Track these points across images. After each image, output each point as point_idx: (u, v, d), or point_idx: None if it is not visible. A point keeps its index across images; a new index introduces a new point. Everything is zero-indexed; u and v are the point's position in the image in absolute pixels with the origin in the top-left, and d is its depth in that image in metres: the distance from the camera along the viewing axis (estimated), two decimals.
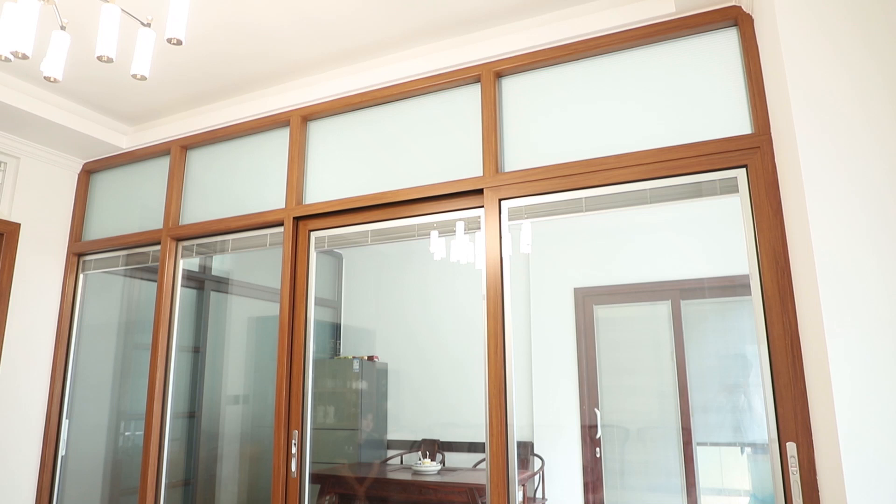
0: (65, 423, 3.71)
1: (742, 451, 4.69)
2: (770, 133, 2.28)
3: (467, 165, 2.85)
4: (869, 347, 1.77)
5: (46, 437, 3.65)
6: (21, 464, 3.55)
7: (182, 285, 3.57)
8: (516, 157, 2.76)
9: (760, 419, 4.51)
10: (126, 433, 4.27)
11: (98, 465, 4.08)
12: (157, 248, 3.61)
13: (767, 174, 2.26)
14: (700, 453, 4.72)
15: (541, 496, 4.91)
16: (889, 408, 1.73)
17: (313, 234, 3.14)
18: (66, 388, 3.75)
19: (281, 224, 3.22)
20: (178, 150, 3.64)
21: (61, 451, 3.68)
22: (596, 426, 4.99)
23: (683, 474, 4.69)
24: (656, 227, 5.13)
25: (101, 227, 3.92)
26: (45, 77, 2.01)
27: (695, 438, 4.73)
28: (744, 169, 2.33)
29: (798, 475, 2.04)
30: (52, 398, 3.70)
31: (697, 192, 2.42)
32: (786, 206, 2.18)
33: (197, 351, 4.80)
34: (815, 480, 2.01)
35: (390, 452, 5.58)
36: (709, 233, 4.84)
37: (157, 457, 3.32)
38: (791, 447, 2.06)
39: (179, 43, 1.98)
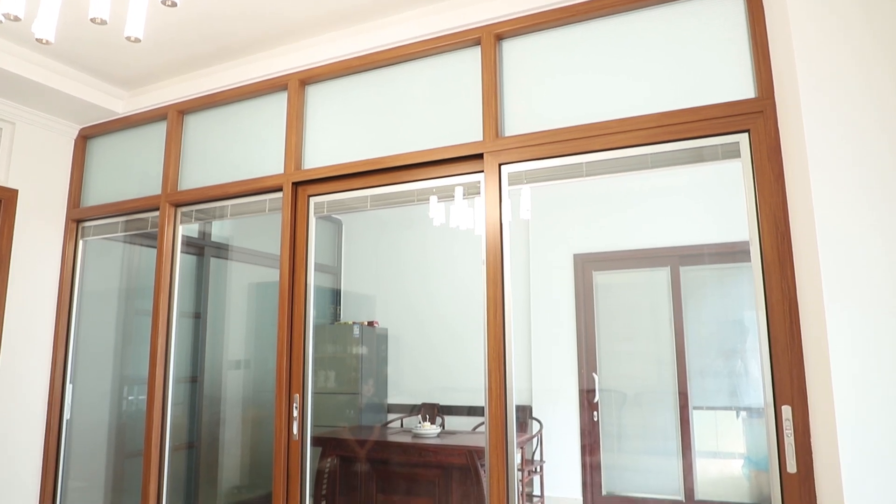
0: (68, 387, 3.75)
1: (737, 415, 4.76)
2: (774, 97, 2.25)
3: (467, 130, 2.82)
4: (867, 313, 1.78)
5: (51, 402, 3.70)
6: (27, 428, 3.60)
7: (182, 251, 3.57)
8: (516, 122, 2.73)
9: (756, 384, 4.56)
10: (129, 397, 4.33)
11: (103, 429, 4.14)
12: (156, 214, 3.60)
13: (770, 139, 2.24)
14: (696, 417, 4.79)
15: (539, 458, 5.00)
16: (885, 372, 1.75)
17: (312, 200, 3.13)
18: (68, 353, 3.78)
19: (280, 189, 3.21)
20: (175, 115, 3.60)
21: (66, 415, 3.73)
22: (594, 390, 5.05)
23: (679, 437, 4.77)
24: (656, 194, 5.11)
25: (99, 193, 3.90)
26: (36, 39, 1.97)
27: (691, 402, 4.79)
28: (746, 134, 2.31)
29: (792, 438, 2.07)
30: (55, 363, 3.74)
31: (699, 156, 2.40)
32: (788, 171, 2.17)
33: (198, 317, 4.83)
34: (809, 443, 2.04)
35: (391, 416, 5.66)
36: (709, 199, 4.82)
37: (160, 421, 3.36)
38: (786, 410, 2.09)
39: (174, 4, 1.94)
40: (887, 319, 1.76)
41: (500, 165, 2.69)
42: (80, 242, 3.90)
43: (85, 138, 3.98)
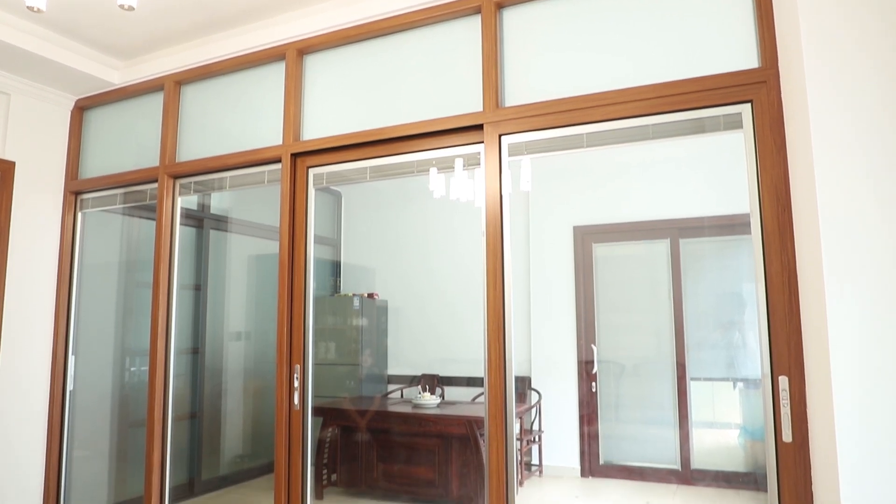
0: (71, 359, 3.78)
1: (734, 386, 4.81)
2: (777, 67, 2.23)
3: (467, 101, 2.79)
4: (866, 284, 1.78)
5: (54, 373, 3.73)
6: (32, 398, 3.63)
7: (181, 224, 3.56)
8: (517, 92, 2.70)
9: (754, 355, 4.59)
10: (132, 369, 4.36)
11: (106, 399, 4.18)
12: (155, 186, 3.59)
13: (773, 109, 2.22)
14: (693, 388, 4.83)
15: (538, 428, 5.06)
16: (882, 342, 1.76)
17: (311, 171, 3.12)
18: (70, 325, 3.79)
19: (279, 161, 3.19)
20: (172, 86, 3.56)
21: (69, 386, 3.76)
22: (592, 362, 5.09)
23: (676, 408, 4.82)
24: (657, 166, 5.09)
25: (97, 165, 3.88)
26: (27, 6, 1.94)
27: (689, 374, 4.83)
28: (749, 104, 2.29)
29: (789, 407, 2.10)
30: (56, 335, 3.76)
31: (700, 127, 2.38)
32: (790, 142, 2.15)
33: (198, 289, 4.84)
34: (805, 413, 2.07)
35: (391, 387, 5.71)
36: (710, 171, 4.80)
37: (162, 391, 3.39)
38: (783, 381, 2.11)
39: None
40: (886, 291, 1.77)
41: (500, 136, 2.67)
42: (79, 215, 3.89)
43: (81, 109, 3.94)
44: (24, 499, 3.56)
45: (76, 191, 3.86)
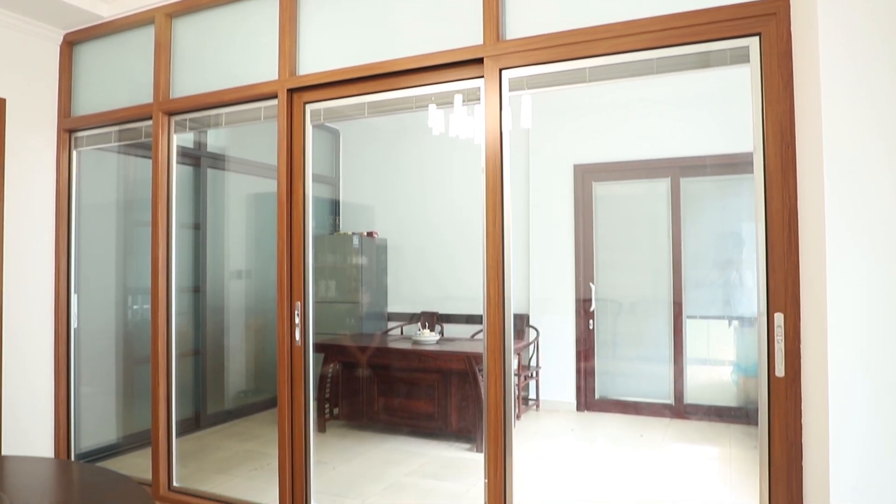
0: (73, 297, 3.81)
1: (729, 324, 4.88)
2: None
3: (467, 33, 2.71)
4: (867, 222, 1.78)
5: (58, 311, 3.76)
6: (37, 337, 3.68)
7: (178, 162, 3.52)
8: (518, 24, 2.62)
9: (750, 294, 4.64)
10: (134, 307, 4.41)
11: (110, 337, 4.24)
12: (149, 123, 3.53)
13: (781, 43, 2.16)
14: (689, 326, 4.91)
15: (535, 364, 5.16)
16: (880, 279, 1.77)
17: (308, 107, 3.06)
18: (71, 264, 3.81)
19: (275, 96, 3.12)
20: (163, 19, 3.46)
21: (73, 324, 3.81)
22: (590, 300, 5.15)
23: (672, 345, 4.90)
24: (659, 103, 5.00)
25: (89, 102, 3.80)
26: None
27: (685, 312, 4.89)
28: (757, 37, 2.22)
29: (783, 344, 2.13)
30: (58, 274, 3.77)
31: (706, 61, 2.32)
32: (797, 77, 2.11)
33: (197, 228, 4.84)
34: (799, 349, 2.10)
35: (390, 324, 5.80)
36: (713, 109, 4.72)
37: (165, 329, 3.44)
38: (778, 317, 2.14)
39: None
40: (887, 230, 1.77)
41: (500, 70, 2.61)
42: (74, 153, 3.84)
43: (70, 44, 3.83)
44: (36, 435, 3.67)
45: (70, 129, 3.80)
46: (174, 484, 3.43)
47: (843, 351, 1.79)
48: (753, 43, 2.23)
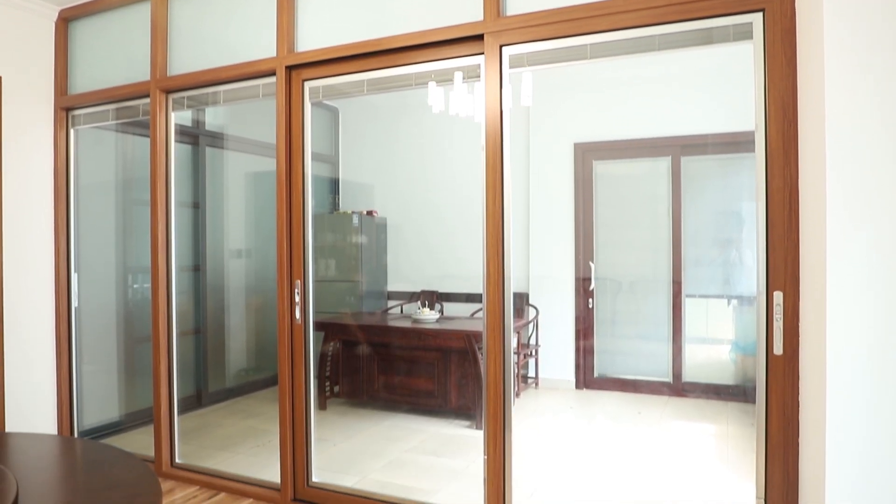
0: (74, 276, 3.81)
1: (728, 303, 4.89)
2: None
3: (467, 9, 2.68)
4: (868, 201, 1.78)
5: (58, 290, 3.77)
6: (38, 315, 3.69)
7: (176, 140, 3.50)
8: (519, 0, 2.59)
9: (749, 272, 4.64)
10: (134, 286, 4.42)
11: (111, 316, 4.25)
12: (147, 101, 3.50)
13: (785, 19, 2.13)
14: (688, 305, 4.92)
15: (534, 343, 5.19)
16: (879, 256, 1.77)
17: (307, 84, 3.03)
18: (70, 243, 3.80)
19: (273, 74, 3.10)
20: None
21: (74, 303, 3.82)
22: (590, 279, 5.16)
23: (670, 324, 4.92)
24: (661, 81, 4.96)
25: (86, 79, 3.77)
26: None
27: (684, 291, 4.90)
28: (760, 13, 2.20)
29: (781, 322, 2.14)
30: (58, 253, 3.77)
31: (708, 38, 2.30)
32: (801, 55, 2.09)
33: (197, 207, 4.83)
34: (797, 327, 2.11)
35: (390, 303, 5.81)
36: (715, 87, 4.68)
37: (165, 308, 3.44)
38: (778, 296, 2.14)
39: None
40: (887, 209, 1.76)
41: (500, 47, 2.58)
42: (72, 131, 3.82)
43: (66, 21, 3.79)
44: (39, 413, 3.69)
45: (67, 107, 3.77)
46: (177, 461, 3.47)
47: (841, 329, 1.80)
48: (757, 19, 2.20)
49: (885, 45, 1.76)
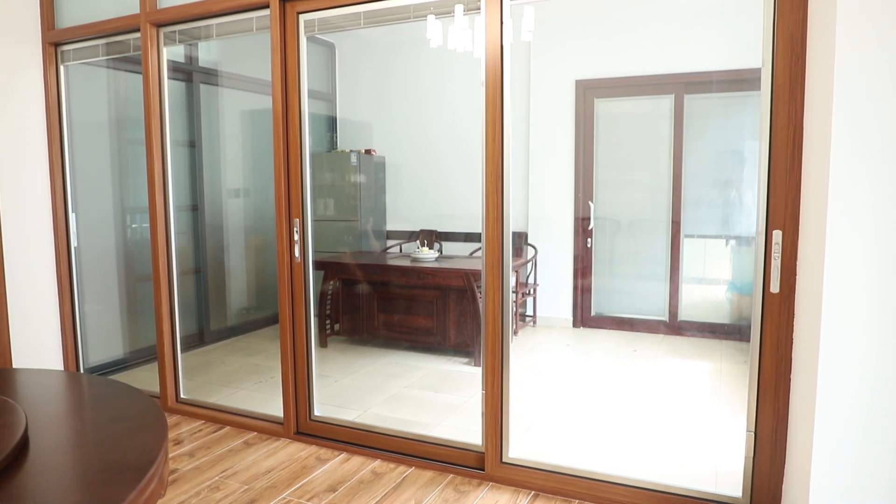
0: (72, 216, 3.80)
1: (727, 244, 4.91)
2: None
3: None
4: (873, 139, 1.75)
5: (56, 230, 3.76)
6: (38, 255, 3.69)
7: (169, 77, 3.42)
8: None
9: (749, 213, 4.64)
10: (133, 225, 4.41)
11: (111, 256, 4.27)
12: (137, 35, 3.40)
13: None
14: (686, 245, 4.93)
15: (533, 282, 5.23)
16: (882, 197, 1.76)
17: (302, 17, 2.94)
18: (66, 183, 3.77)
19: (266, 6, 3.00)
20: None
21: (73, 243, 3.82)
22: (589, 218, 5.15)
23: (668, 263, 4.95)
24: (665, 17, 4.82)
25: (73, 13, 3.65)
26: None
27: (683, 231, 4.90)
28: None
29: (779, 261, 2.14)
30: (54, 193, 3.74)
31: None
32: None
33: (193, 146, 4.77)
34: (795, 265, 2.12)
35: (389, 242, 5.82)
36: (721, 23, 4.55)
37: (165, 248, 3.45)
38: (777, 235, 2.14)
39: None
40: (894, 149, 1.74)
41: None
42: (62, 68, 3.72)
43: None
44: (45, 350, 3.75)
45: (55, 42, 3.67)
46: (181, 396, 3.55)
47: (839, 268, 1.81)
48: None
49: None
